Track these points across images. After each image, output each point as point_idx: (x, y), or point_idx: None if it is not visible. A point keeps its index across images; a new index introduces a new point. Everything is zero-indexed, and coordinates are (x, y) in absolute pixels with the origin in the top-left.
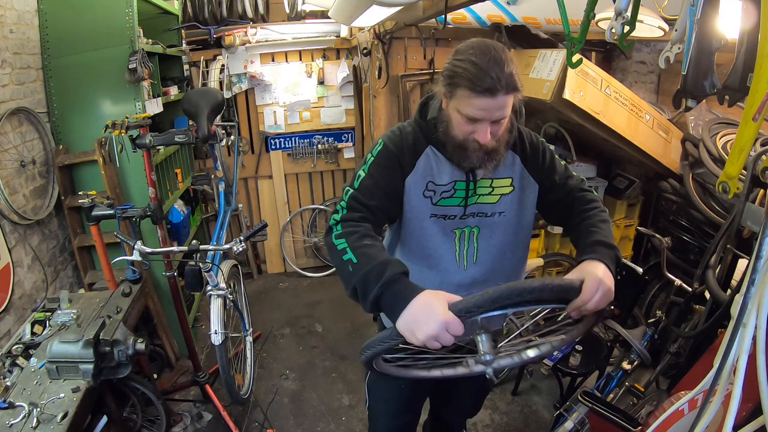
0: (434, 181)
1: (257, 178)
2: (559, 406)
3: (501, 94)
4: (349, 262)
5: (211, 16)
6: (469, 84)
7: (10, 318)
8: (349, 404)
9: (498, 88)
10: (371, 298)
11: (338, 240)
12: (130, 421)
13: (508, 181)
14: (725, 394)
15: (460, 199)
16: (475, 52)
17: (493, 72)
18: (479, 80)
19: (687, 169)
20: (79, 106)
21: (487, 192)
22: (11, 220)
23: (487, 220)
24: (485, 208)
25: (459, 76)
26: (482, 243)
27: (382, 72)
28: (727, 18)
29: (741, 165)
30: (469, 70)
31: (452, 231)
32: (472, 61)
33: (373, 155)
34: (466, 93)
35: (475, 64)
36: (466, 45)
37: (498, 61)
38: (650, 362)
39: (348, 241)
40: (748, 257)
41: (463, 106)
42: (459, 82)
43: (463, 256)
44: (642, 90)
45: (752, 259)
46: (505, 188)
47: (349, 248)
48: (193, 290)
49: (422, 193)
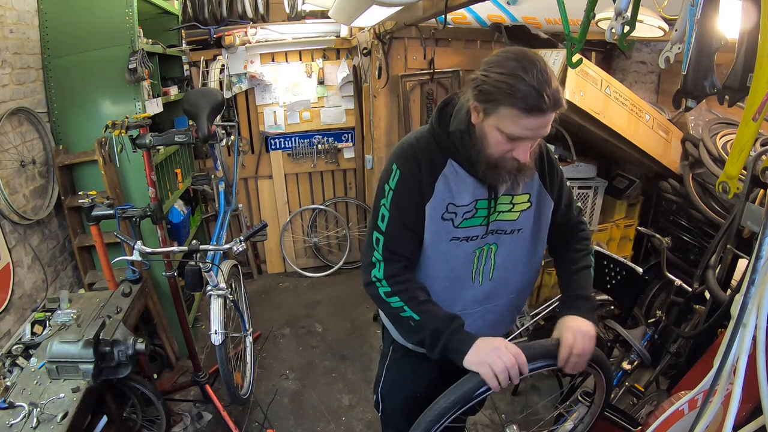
0: (454, 203)
1: (257, 178)
2: (559, 406)
3: (549, 112)
4: (410, 318)
5: (211, 16)
6: (516, 102)
7: (10, 318)
8: (349, 404)
9: (548, 107)
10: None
11: (390, 298)
12: (130, 421)
13: (526, 197)
14: (725, 394)
15: (482, 219)
16: (521, 65)
17: (544, 91)
18: (530, 99)
19: (687, 169)
20: (79, 106)
21: (508, 209)
22: (11, 220)
23: (506, 237)
24: (505, 225)
25: (503, 92)
26: (499, 260)
27: (382, 72)
28: (727, 18)
29: (741, 165)
30: (514, 86)
31: (473, 252)
32: (518, 76)
33: (391, 187)
34: (512, 112)
35: (522, 80)
36: (506, 56)
37: (546, 79)
38: (650, 362)
39: (403, 299)
40: (748, 257)
41: (506, 125)
42: (503, 99)
43: (479, 272)
44: (642, 90)
45: (752, 259)
46: (523, 204)
47: (407, 306)
48: (193, 290)
49: (441, 217)
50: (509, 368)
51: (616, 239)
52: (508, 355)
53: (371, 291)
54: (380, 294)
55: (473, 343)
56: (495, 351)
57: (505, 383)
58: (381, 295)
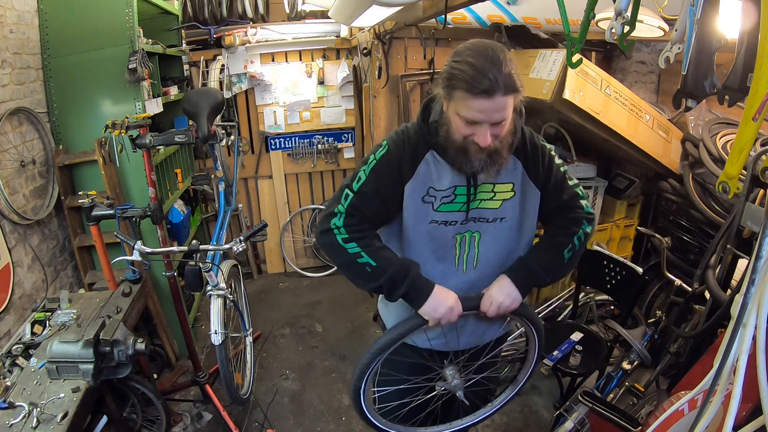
0: (434, 187)
1: (257, 178)
2: (559, 406)
3: (499, 95)
4: (367, 264)
5: (211, 16)
6: (465, 86)
7: (10, 318)
8: (349, 404)
9: (495, 89)
10: (400, 293)
11: (348, 244)
12: (130, 421)
13: (509, 186)
14: (725, 394)
15: (461, 205)
16: (473, 53)
17: (490, 73)
18: (476, 81)
19: (687, 169)
20: (79, 106)
21: (489, 197)
22: (11, 220)
23: (489, 226)
24: (487, 213)
25: (456, 78)
26: (483, 248)
27: (382, 72)
28: (727, 18)
29: (741, 165)
30: (465, 72)
31: (453, 237)
32: (468, 62)
33: (375, 158)
34: (463, 95)
35: (471, 65)
36: (464, 46)
37: (495, 62)
38: (650, 362)
39: (360, 245)
40: (748, 257)
41: (461, 109)
42: (456, 84)
43: (463, 260)
44: (642, 90)
45: (752, 259)
46: (506, 193)
47: (364, 252)
48: (193, 290)
49: (422, 199)
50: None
51: (616, 239)
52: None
53: (326, 239)
54: (337, 240)
55: (430, 293)
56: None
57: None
58: (338, 241)
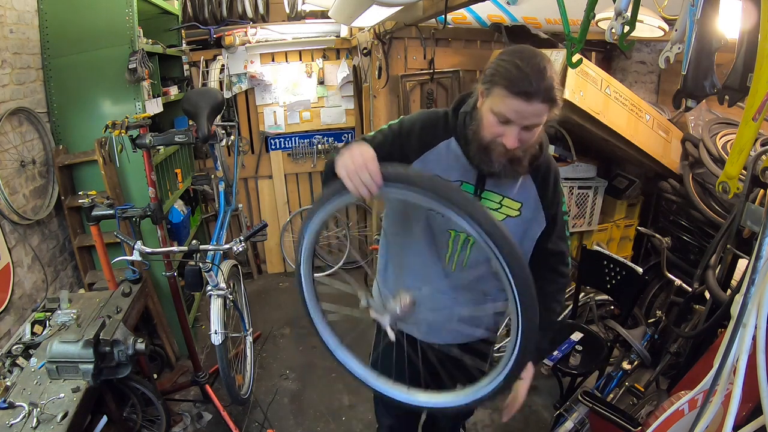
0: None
1: (257, 178)
2: (559, 406)
3: (537, 100)
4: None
5: (211, 16)
6: (506, 83)
7: (10, 318)
8: (349, 404)
9: (535, 93)
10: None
11: None
12: (130, 421)
13: (517, 205)
14: (725, 394)
15: None
16: (521, 57)
17: (533, 78)
18: (518, 81)
19: (687, 169)
20: (79, 106)
21: (495, 207)
22: (11, 220)
23: None
24: None
25: (499, 74)
26: (474, 253)
27: (382, 72)
28: (727, 18)
29: (741, 165)
30: (510, 71)
31: (447, 230)
32: (515, 63)
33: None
34: (502, 92)
35: (518, 66)
36: (513, 49)
37: (541, 70)
38: (650, 362)
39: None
40: (748, 257)
41: (496, 104)
42: (497, 80)
43: (453, 259)
44: (642, 90)
45: (752, 259)
46: (512, 210)
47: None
48: (193, 290)
49: None
50: (359, 171)
51: (616, 239)
52: (359, 159)
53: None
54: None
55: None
56: (350, 154)
57: (361, 187)
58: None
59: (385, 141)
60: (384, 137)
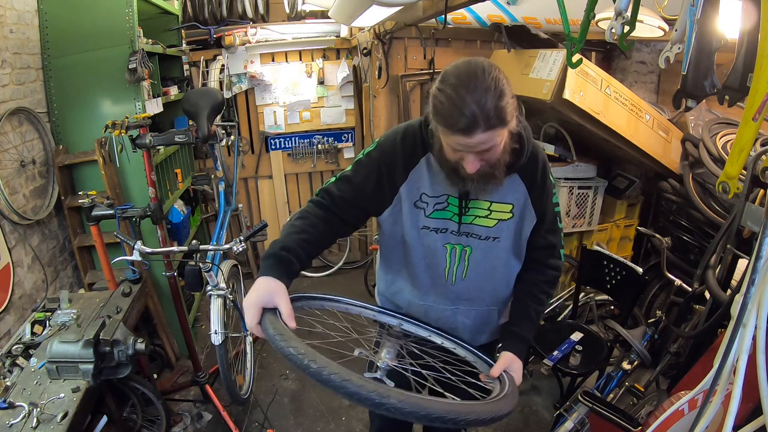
0: (427, 193)
1: (257, 178)
2: (559, 406)
3: (478, 132)
4: None
5: (211, 16)
6: (443, 122)
7: (10, 318)
8: (349, 404)
9: (473, 126)
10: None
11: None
12: (130, 421)
13: (508, 207)
14: (725, 394)
15: (452, 214)
16: (455, 81)
17: (468, 109)
18: (453, 119)
19: (687, 169)
20: (79, 106)
21: (485, 215)
22: (11, 220)
23: (481, 243)
24: (479, 230)
25: (436, 111)
26: (473, 263)
27: (382, 72)
28: (727, 18)
29: (741, 165)
30: (444, 107)
31: (443, 246)
32: (448, 95)
33: (363, 155)
34: (443, 130)
35: (450, 97)
36: (450, 70)
37: (479, 92)
38: (650, 362)
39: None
40: (748, 257)
41: (444, 137)
42: (436, 118)
43: (452, 272)
44: (642, 90)
45: (752, 259)
46: (504, 214)
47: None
48: (193, 290)
49: (414, 204)
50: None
51: (616, 239)
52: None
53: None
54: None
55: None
56: (247, 308)
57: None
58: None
59: (369, 173)
60: (367, 170)
